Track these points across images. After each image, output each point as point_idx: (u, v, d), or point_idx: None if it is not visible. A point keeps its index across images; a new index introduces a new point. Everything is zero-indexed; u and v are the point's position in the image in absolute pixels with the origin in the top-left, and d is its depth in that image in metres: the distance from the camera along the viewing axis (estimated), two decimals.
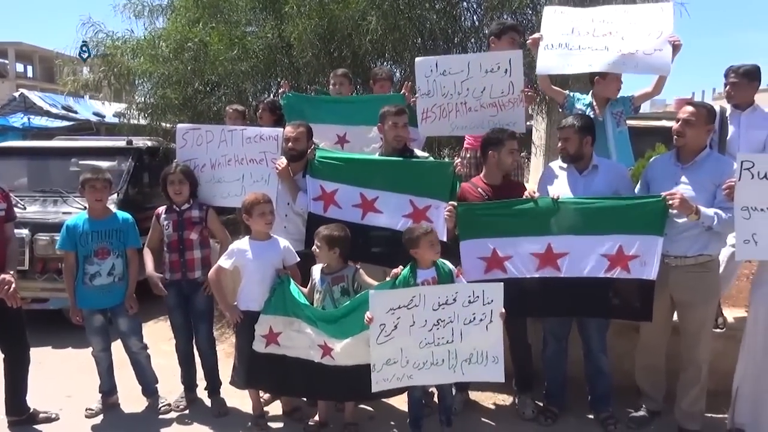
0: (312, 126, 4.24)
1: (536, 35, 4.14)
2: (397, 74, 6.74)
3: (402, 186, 3.85)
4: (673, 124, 3.57)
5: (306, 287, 3.73)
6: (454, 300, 3.26)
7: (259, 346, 3.62)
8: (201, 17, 6.72)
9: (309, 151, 4.04)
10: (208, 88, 6.96)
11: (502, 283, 3.23)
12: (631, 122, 4.37)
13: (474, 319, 3.26)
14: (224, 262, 3.75)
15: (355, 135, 4.54)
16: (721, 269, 3.78)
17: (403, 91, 4.56)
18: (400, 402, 3.93)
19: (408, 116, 4.02)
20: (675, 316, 3.67)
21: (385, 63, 6.95)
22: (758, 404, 3.42)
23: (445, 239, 3.63)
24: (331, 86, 4.85)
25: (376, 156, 4.13)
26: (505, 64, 4.07)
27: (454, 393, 3.78)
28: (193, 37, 6.43)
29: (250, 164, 4.21)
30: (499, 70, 4.07)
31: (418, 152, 4.16)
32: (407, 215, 3.83)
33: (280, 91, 4.88)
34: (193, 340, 4.15)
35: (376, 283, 3.62)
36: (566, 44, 4.02)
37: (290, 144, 4.04)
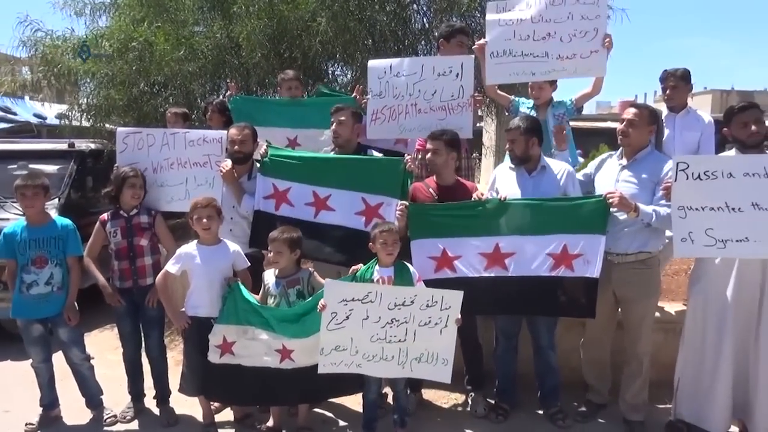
0: (261, 129, 4.21)
1: (481, 41, 4.23)
2: (348, 75, 6.74)
3: (354, 183, 3.86)
4: (617, 125, 3.69)
5: (256, 292, 3.68)
6: (412, 302, 3.29)
7: (213, 356, 3.55)
8: (146, 16, 6.55)
9: (263, 149, 4.00)
10: (154, 89, 6.79)
11: (462, 292, 3.27)
12: (577, 123, 4.51)
13: (429, 322, 3.29)
14: (171, 266, 3.67)
15: (307, 138, 4.51)
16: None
17: (354, 93, 4.56)
18: (354, 404, 3.93)
19: (350, 113, 4.00)
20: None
21: (335, 64, 6.95)
22: (698, 394, 3.56)
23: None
24: (284, 90, 4.78)
25: (329, 154, 4.12)
26: (457, 68, 4.17)
27: (408, 393, 3.80)
28: (138, 37, 6.26)
29: (193, 167, 4.14)
30: (451, 74, 4.17)
31: (374, 153, 4.16)
32: (360, 213, 3.83)
33: (227, 94, 4.80)
34: (142, 349, 4.03)
35: None
36: (510, 51, 4.13)
37: (235, 146, 4.00)
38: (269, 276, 3.66)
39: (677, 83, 4.36)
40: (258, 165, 4.09)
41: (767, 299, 3.39)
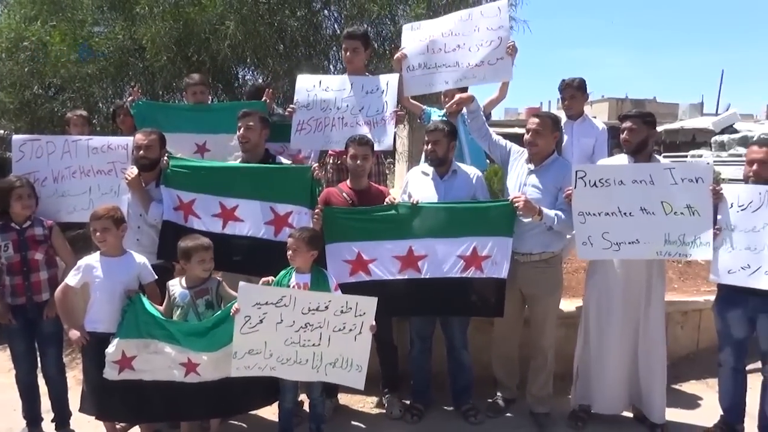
0: (168, 135, 4.05)
1: (399, 55, 4.42)
2: (260, 80, 6.64)
3: (261, 193, 3.80)
4: (523, 131, 3.88)
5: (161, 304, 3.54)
6: (326, 308, 3.28)
7: (111, 373, 3.36)
8: (39, 14, 6.17)
9: (163, 160, 3.86)
10: (49, 92, 6.39)
11: (376, 298, 3.30)
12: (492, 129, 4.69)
13: (344, 328, 3.30)
14: (71, 279, 3.45)
15: (216, 144, 4.40)
16: None
17: (264, 98, 4.50)
18: (269, 413, 3.87)
19: (258, 118, 3.94)
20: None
21: (246, 69, 6.84)
22: (592, 381, 3.80)
23: None
24: (189, 95, 4.64)
25: (232, 163, 4.04)
26: (383, 86, 4.33)
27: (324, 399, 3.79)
28: (30, 36, 5.88)
29: (97, 176, 3.96)
30: (378, 91, 4.32)
31: (282, 159, 4.13)
32: (269, 222, 3.78)
33: (129, 99, 4.60)
34: (38, 369, 3.77)
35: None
36: (425, 64, 4.38)
37: (141, 152, 3.83)
38: (175, 286, 3.53)
39: (574, 93, 4.64)
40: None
41: (654, 294, 3.67)
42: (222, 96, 6.70)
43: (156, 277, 3.59)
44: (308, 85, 4.40)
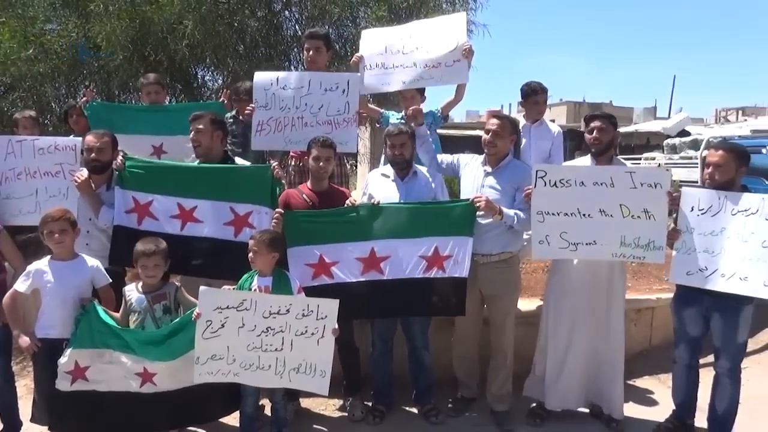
0: (123, 137, 3.97)
1: (357, 56, 4.45)
2: (219, 81, 6.57)
3: (221, 193, 3.74)
4: (482, 133, 3.92)
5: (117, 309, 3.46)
6: (287, 311, 3.24)
7: (63, 384, 3.26)
8: None
9: (118, 160, 3.77)
10: None
11: (338, 300, 3.28)
12: (449, 131, 4.77)
13: (306, 332, 3.26)
14: (21, 284, 3.34)
15: (173, 145, 4.33)
16: None
17: (222, 98, 4.44)
18: (230, 418, 3.81)
19: (208, 120, 3.86)
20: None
21: (206, 69, 6.76)
22: (551, 378, 3.87)
23: None
24: (144, 95, 4.54)
25: (190, 163, 3.97)
26: (343, 84, 4.29)
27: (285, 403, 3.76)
28: None
29: (44, 177, 3.83)
30: (338, 90, 4.27)
31: (239, 160, 4.08)
32: (229, 223, 3.73)
33: (83, 99, 4.47)
34: None
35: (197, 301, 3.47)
36: (383, 64, 4.40)
37: (93, 154, 3.72)
38: (132, 291, 3.46)
39: (541, 98, 4.72)
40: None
41: (615, 294, 3.77)
42: (181, 96, 6.60)
43: (110, 280, 3.50)
44: (266, 83, 4.31)
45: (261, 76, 4.38)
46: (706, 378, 3.74)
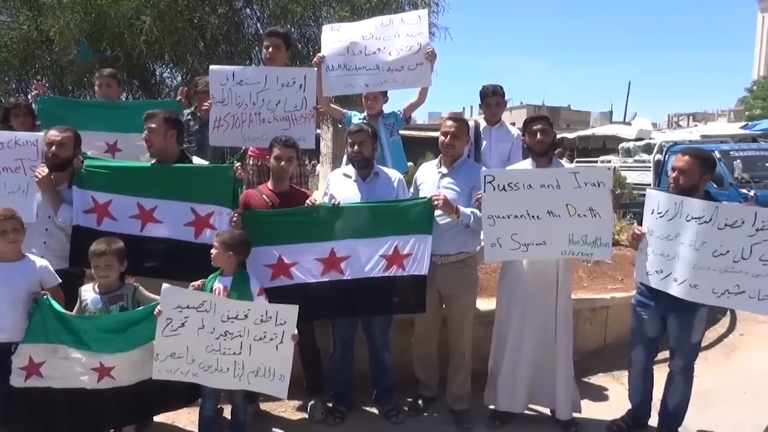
0: None
1: (318, 56, 4.42)
2: (178, 78, 6.46)
3: (182, 193, 3.68)
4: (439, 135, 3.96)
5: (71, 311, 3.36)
6: (246, 316, 3.22)
7: (17, 380, 3.17)
8: None
9: (75, 159, 3.66)
10: None
11: (297, 306, 3.26)
12: (411, 133, 4.80)
13: (264, 337, 3.24)
14: None
15: (128, 143, 4.23)
16: None
17: (179, 97, 4.36)
18: (188, 422, 3.76)
19: (161, 119, 3.78)
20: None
21: (164, 66, 6.62)
22: (505, 379, 3.91)
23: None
24: (96, 88, 4.43)
25: (147, 163, 3.89)
26: (300, 79, 4.23)
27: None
28: None
29: (3, 173, 3.68)
30: (294, 85, 4.22)
31: (196, 159, 4.01)
32: (189, 223, 3.67)
33: (33, 93, 4.32)
34: None
35: (158, 298, 3.40)
36: (344, 65, 4.39)
37: (54, 150, 3.61)
38: (87, 291, 3.37)
39: (500, 100, 4.79)
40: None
41: (561, 291, 3.83)
42: (138, 93, 6.46)
43: (60, 280, 3.40)
44: (221, 78, 4.23)
45: (217, 70, 4.29)
46: (661, 374, 3.85)
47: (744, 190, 8.57)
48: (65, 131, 3.68)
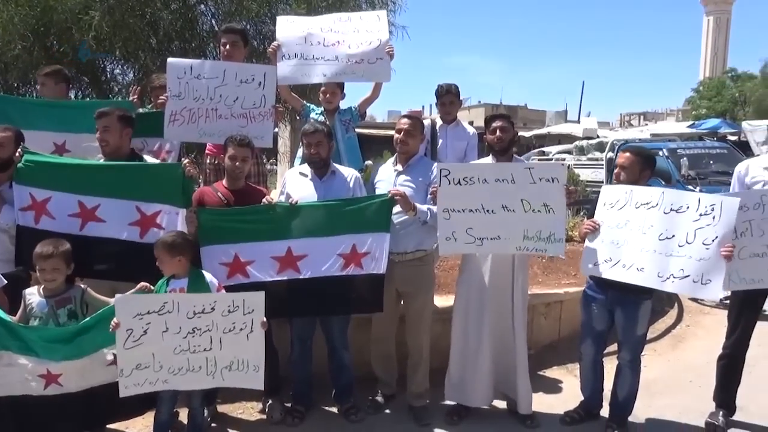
0: (22, 133, 3.71)
1: (274, 44, 4.34)
2: (130, 75, 6.30)
3: (127, 192, 3.59)
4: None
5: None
6: (212, 309, 3.14)
7: None
8: None
9: (17, 154, 3.54)
10: None
11: (263, 292, 3.22)
12: (371, 131, 4.80)
13: (234, 328, 3.17)
14: None
15: (77, 143, 4.10)
16: None
17: (132, 96, 4.26)
18: (142, 427, 3.68)
19: (115, 118, 3.71)
20: None
21: (115, 62, 6.45)
22: (464, 375, 3.97)
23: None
24: (42, 88, 4.28)
25: (96, 160, 3.78)
26: (259, 77, 4.18)
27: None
28: None
29: None
30: (253, 82, 4.17)
31: (148, 158, 3.93)
32: (134, 223, 3.59)
33: None
34: None
35: (110, 300, 3.31)
36: (302, 54, 4.32)
37: None
38: (33, 294, 3.26)
39: (453, 99, 4.86)
40: None
41: (517, 287, 3.90)
42: (88, 91, 6.27)
43: (5, 281, 3.28)
44: (179, 71, 4.15)
45: (174, 63, 4.22)
46: (610, 366, 3.96)
47: (690, 187, 8.88)
48: (5, 131, 3.56)
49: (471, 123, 5.18)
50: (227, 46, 4.38)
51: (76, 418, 3.26)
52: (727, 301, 4.08)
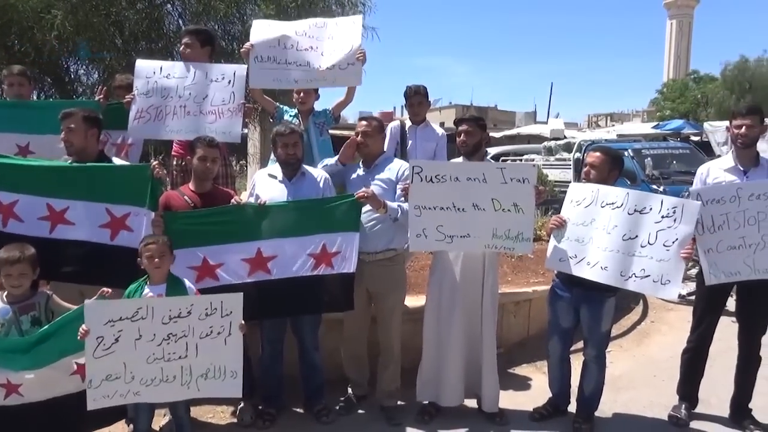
0: None
1: (247, 45, 4.35)
2: (95, 75, 6.19)
3: (96, 194, 3.53)
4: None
5: None
6: (189, 313, 3.05)
7: None
8: None
9: None
10: None
11: (242, 294, 3.17)
12: (342, 132, 4.81)
13: (211, 332, 3.08)
14: None
15: (41, 145, 4.01)
16: None
17: (98, 96, 4.18)
18: None
19: (80, 118, 3.63)
20: None
21: (79, 62, 6.33)
22: (436, 374, 4.00)
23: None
24: (6, 87, 4.18)
25: (63, 161, 3.72)
26: (229, 75, 4.22)
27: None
28: None
29: None
30: (223, 80, 4.20)
31: (116, 160, 3.87)
32: (104, 225, 3.53)
33: None
34: None
35: (74, 307, 3.24)
36: (274, 58, 4.33)
37: None
38: None
39: (421, 100, 4.90)
40: None
41: (487, 286, 3.94)
42: (51, 91, 6.14)
43: None
44: (148, 72, 4.17)
45: (143, 64, 4.22)
46: (576, 363, 4.06)
47: (654, 186, 9.09)
48: None
49: (442, 124, 5.23)
50: (185, 49, 4.37)
51: (40, 429, 3.16)
52: (691, 298, 4.20)
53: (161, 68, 4.20)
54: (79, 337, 2.96)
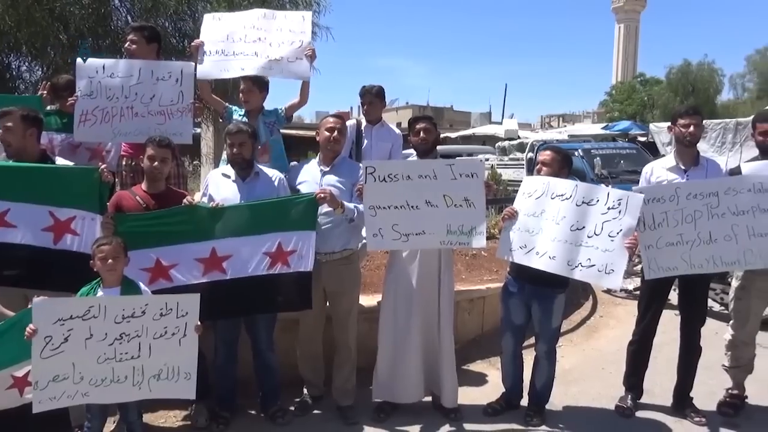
0: None
1: (197, 41, 4.31)
2: (39, 72, 5.97)
3: (39, 196, 3.41)
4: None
5: None
6: (143, 313, 2.98)
7: None
8: None
9: None
10: None
11: (199, 295, 3.12)
12: (298, 132, 4.78)
13: (166, 333, 3.02)
14: None
15: None
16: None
17: (41, 91, 4.04)
18: None
19: (18, 117, 3.50)
20: None
21: (21, 58, 6.09)
22: (393, 373, 4.02)
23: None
24: None
25: (4, 162, 3.58)
26: (176, 73, 4.13)
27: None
28: None
29: None
30: (170, 79, 4.11)
31: (60, 161, 3.75)
32: (47, 228, 3.42)
33: None
34: None
35: (12, 314, 3.12)
36: (223, 51, 4.31)
37: None
38: None
39: (373, 99, 4.91)
40: None
41: (443, 284, 3.99)
42: None
43: None
44: (90, 71, 4.03)
45: (83, 64, 4.06)
46: (528, 359, 4.15)
47: (602, 185, 9.38)
48: None
49: (398, 124, 5.26)
50: (129, 44, 4.27)
51: None
52: (637, 292, 4.36)
53: (104, 67, 4.06)
54: (25, 337, 2.86)
